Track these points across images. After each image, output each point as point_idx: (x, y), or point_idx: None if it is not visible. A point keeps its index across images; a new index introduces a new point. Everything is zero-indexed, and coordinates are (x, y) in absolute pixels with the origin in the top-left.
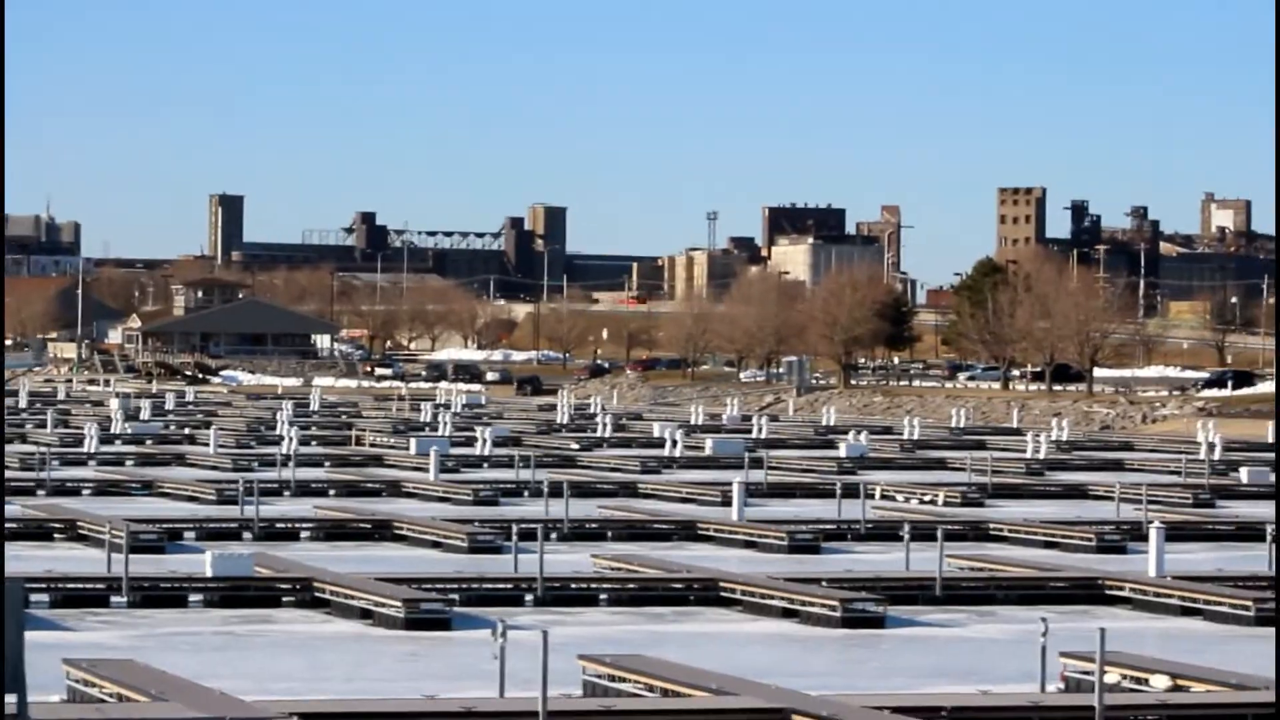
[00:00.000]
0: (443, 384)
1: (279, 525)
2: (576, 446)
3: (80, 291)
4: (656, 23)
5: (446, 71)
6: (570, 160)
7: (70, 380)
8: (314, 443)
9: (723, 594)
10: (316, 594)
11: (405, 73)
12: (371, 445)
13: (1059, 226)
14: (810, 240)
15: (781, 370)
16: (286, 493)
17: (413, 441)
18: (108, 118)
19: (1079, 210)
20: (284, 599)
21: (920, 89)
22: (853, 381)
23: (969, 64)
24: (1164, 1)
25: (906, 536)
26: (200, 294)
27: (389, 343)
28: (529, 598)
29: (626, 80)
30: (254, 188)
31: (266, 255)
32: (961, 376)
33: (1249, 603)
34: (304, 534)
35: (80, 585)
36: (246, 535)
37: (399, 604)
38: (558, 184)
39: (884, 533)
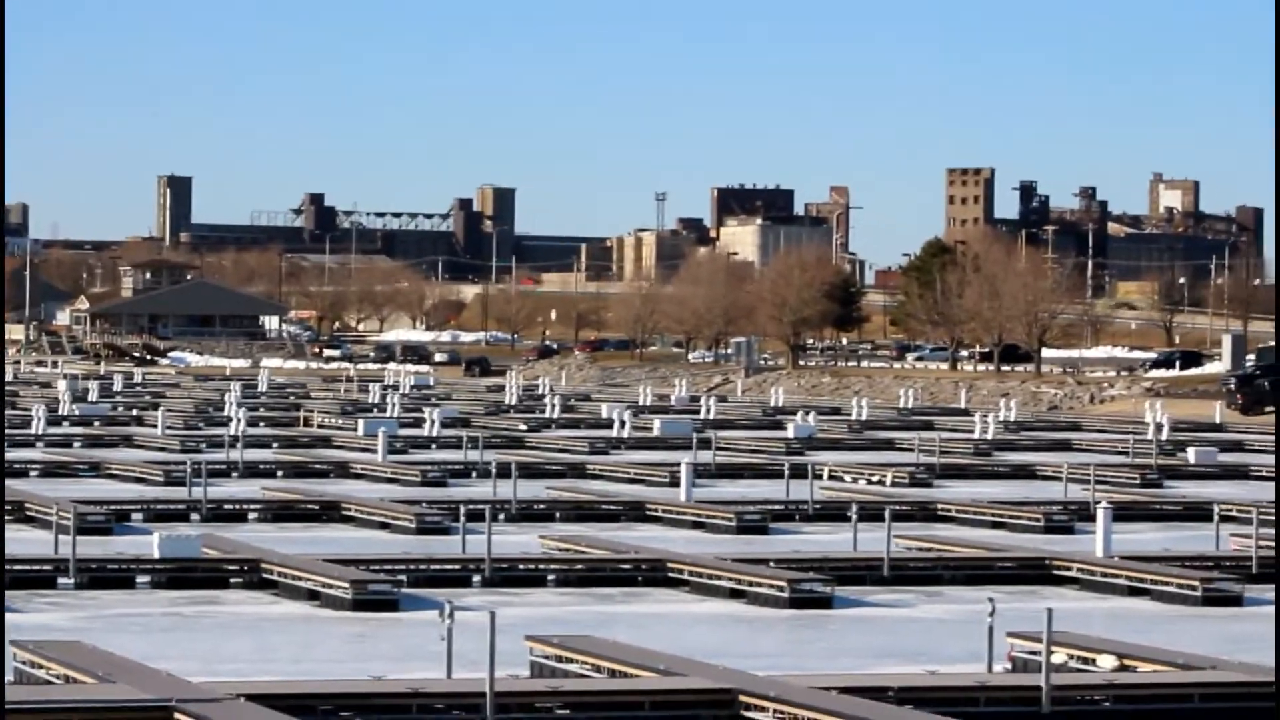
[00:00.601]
0: (391, 365)
1: (227, 507)
2: (525, 427)
3: (28, 273)
4: (605, 4)
5: (395, 52)
6: (519, 141)
7: (18, 362)
8: (262, 424)
9: (670, 574)
10: (264, 575)
11: (354, 54)
12: (319, 426)
13: (1007, 207)
14: (759, 221)
15: (730, 351)
16: (234, 474)
17: (361, 423)
18: (56, 99)
19: (1027, 191)
20: (232, 580)
21: (869, 70)
22: (801, 362)
23: (917, 45)
24: None
25: (854, 517)
26: (148, 275)
27: (337, 324)
28: (477, 579)
29: (575, 61)
30: (202, 169)
31: (215, 236)
32: (910, 357)
33: (1196, 583)
34: (252, 515)
35: (27, 567)
36: (194, 516)
37: (347, 585)
38: (506, 165)
39: (832, 513)
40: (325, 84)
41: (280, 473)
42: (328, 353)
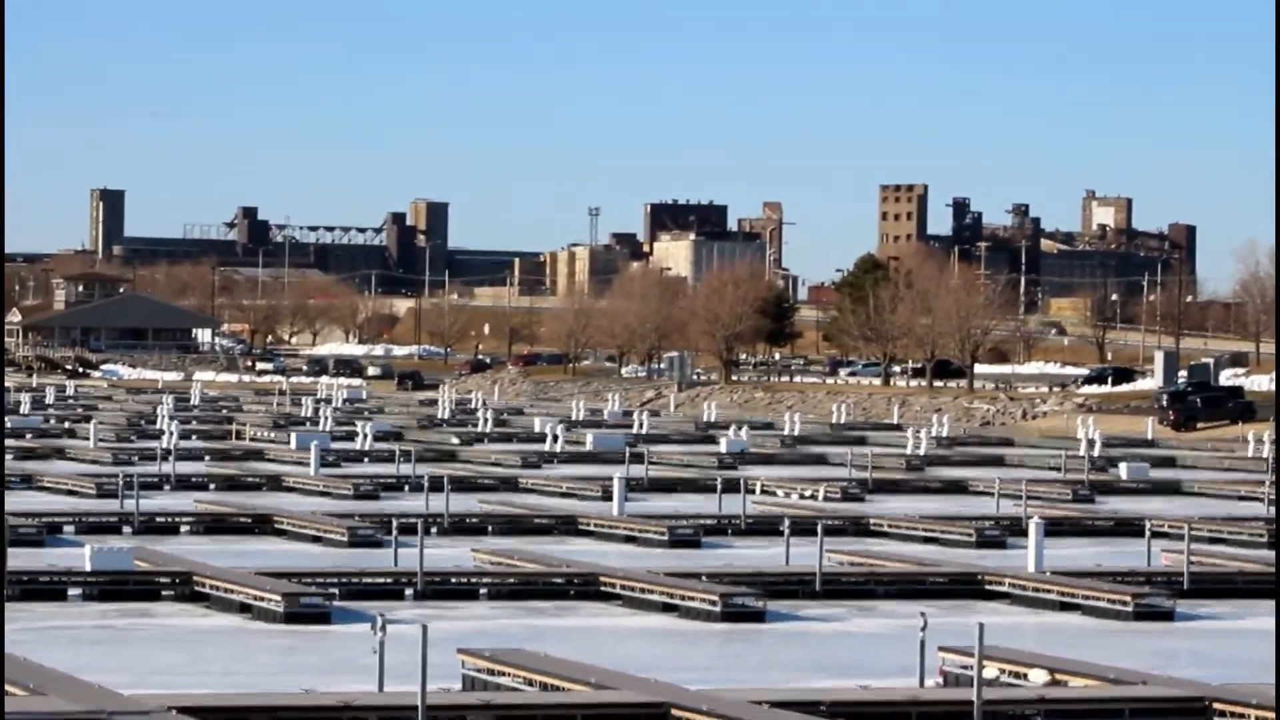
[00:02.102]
0: (324, 379)
1: (159, 519)
2: (457, 441)
3: None
4: (537, 18)
5: (328, 66)
6: (452, 155)
7: None
8: (194, 437)
9: (603, 589)
10: (196, 588)
11: (286, 67)
12: (252, 440)
13: (940, 223)
14: (692, 236)
15: (663, 366)
16: (167, 487)
17: (293, 436)
18: None
19: (960, 207)
20: (163, 593)
21: (802, 86)
22: (734, 377)
23: (850, 61)
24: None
25: (787, 531)
26: (81, 288)
27: (270, 337)
28: (409, 592)
29: (508, 75)
30: (135, 182)
31: (148, 250)
32: (843, 372)
33: (1127, 598)
34: (184, 528)
35: None
36: (126, 529)
37: (279, 598)
38: (440, 179)
39: (764, 528)
40: (259, 97)
41: (212, 486)
42: (260, 366)
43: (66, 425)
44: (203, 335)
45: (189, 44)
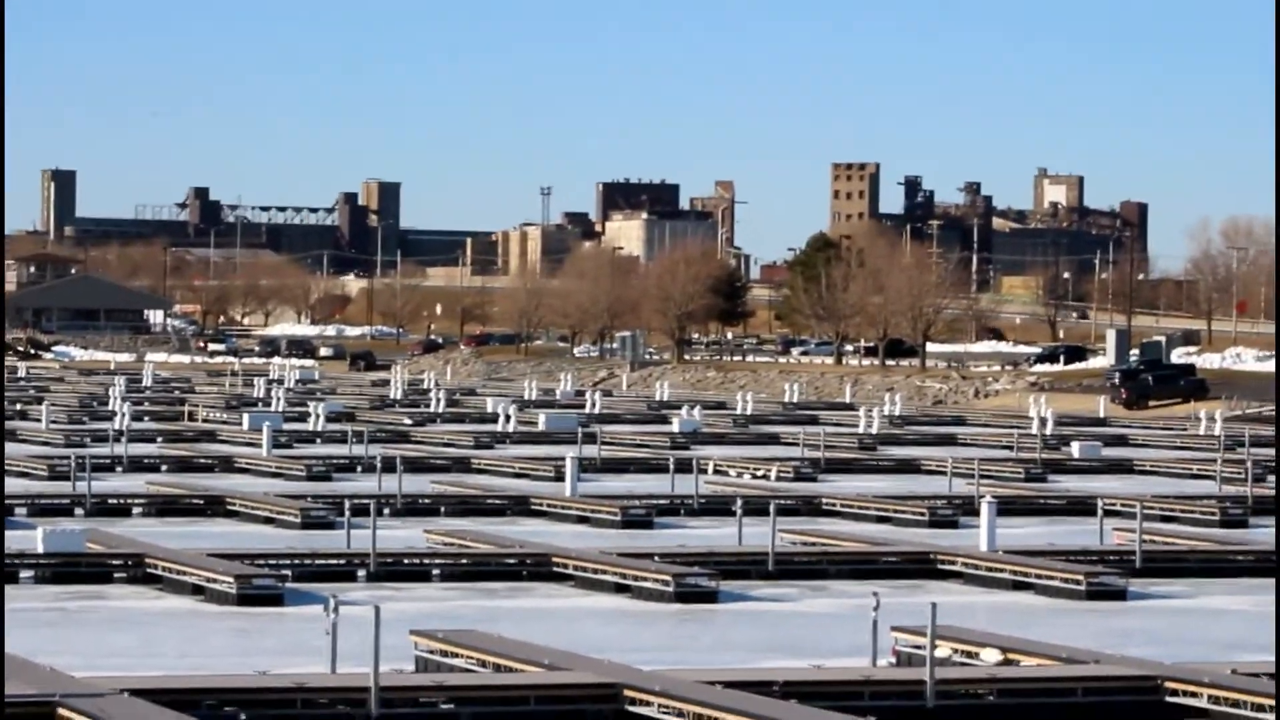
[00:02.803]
0: (276, 359)
1: (111, 501)
2: (410, 422)
3: None
4: None
5: (280, 46)
6: (404, 135)
7: None
8: (146, 418)
9: (556, 569)
10: (148, 570)
11: (238, 47)
12: (204, 421)
13: (893, 202)
14: (644, 216)
15: (615, 345)
16: (119, 468)
17: (245, 417)
18: None
19: (912, 186)
20: (116, 575)
21: (754, 64)
22: (686, 357)
23: (802, 39)
24: None
25: (739, 511)
26: (33, 269)
27: (222, 318)
28: (361, 573)
29: (460, 54)
30: (86, 163)
31: (99, 231)
32: (795, 351)
33: (1080, 577)
34: (136, 510)
35: None
36: (79, 511)
37: (231, 580)
38: (391, 159)
39: (717, 508)
40: (209, 77)
41: (165, 467)
42: (212, 347)
43: (18, 407)
44: (155, 316)
45: (141, 26)
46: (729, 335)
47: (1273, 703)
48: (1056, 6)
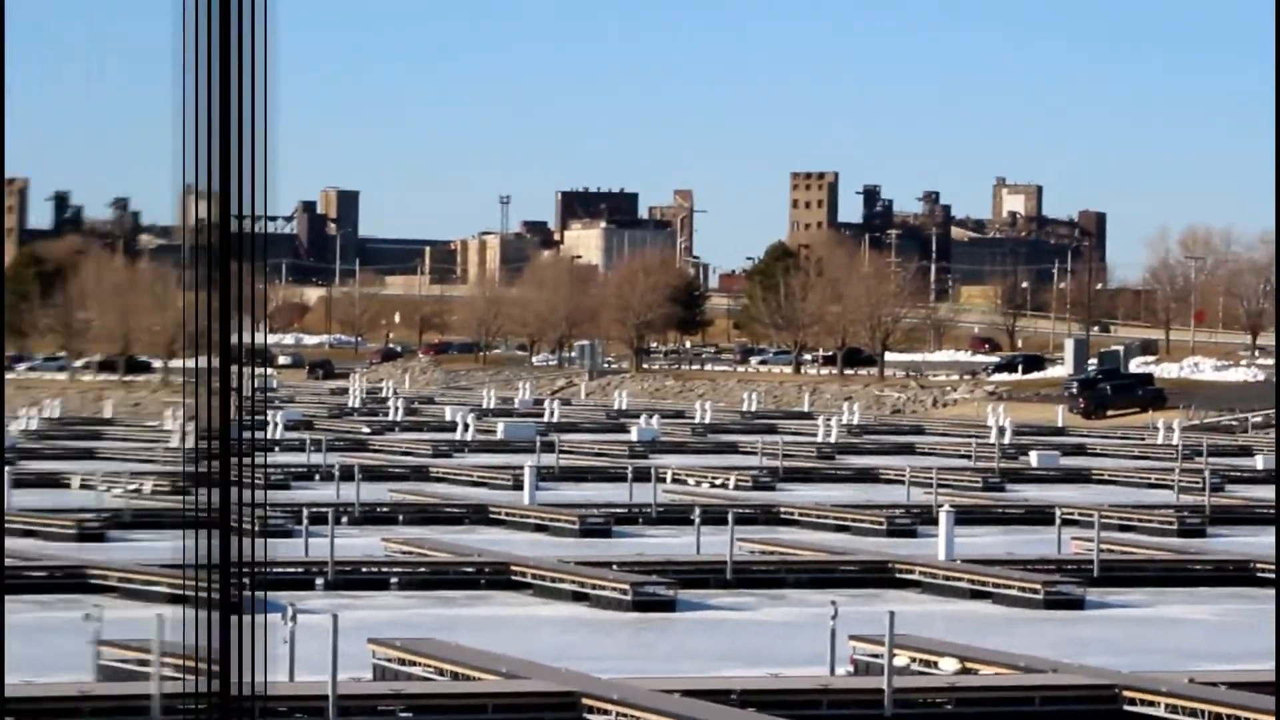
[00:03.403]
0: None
1: None
2: (368, 430)
3: None
4: (444, 4)
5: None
6: (362, 143)
7: None
8: None
9: (514, 578)
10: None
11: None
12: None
13: (851, 211)
14: (603, 224)
15: (574, 354)
16: None
17: None
18: None
19: (871, 195)
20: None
21: (712, 73)
22: (645, 365)
23: (760, 47)
24: None
25: (697, 520)
26: None
27: None
28: (319, 582)
29: (418, 62)
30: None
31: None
32: (753, 360)
33: (1038, 586)
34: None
35: None
36: None
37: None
38: (350, 167)
39: (675, 516)
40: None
41: None
42: None
43: None
44: None
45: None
46: (687, 344)
47: (1230, 711)
48: (1016, 16)
